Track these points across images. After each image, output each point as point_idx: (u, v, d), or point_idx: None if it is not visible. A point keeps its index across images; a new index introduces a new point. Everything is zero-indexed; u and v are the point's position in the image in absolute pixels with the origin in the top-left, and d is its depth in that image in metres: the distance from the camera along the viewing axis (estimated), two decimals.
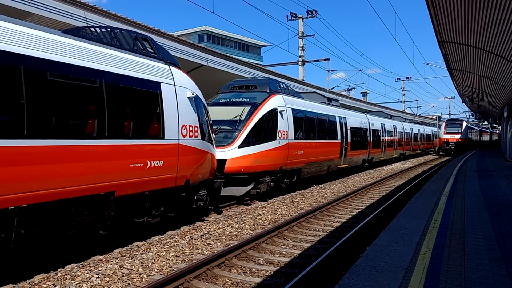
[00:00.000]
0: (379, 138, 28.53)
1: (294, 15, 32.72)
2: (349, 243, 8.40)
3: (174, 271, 6.72)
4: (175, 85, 9.26)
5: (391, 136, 31.94)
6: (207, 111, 10.89)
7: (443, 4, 9.46)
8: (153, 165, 8.30)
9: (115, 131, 7.49)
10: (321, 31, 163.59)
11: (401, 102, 67.61)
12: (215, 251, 7.93)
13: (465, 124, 49.09)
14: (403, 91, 67.37)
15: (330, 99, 22.35)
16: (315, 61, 34.56)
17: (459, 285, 4.57)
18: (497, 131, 75.70)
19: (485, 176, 16.93)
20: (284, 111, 15.06)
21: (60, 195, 6.41)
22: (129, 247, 8.20)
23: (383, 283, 4.63)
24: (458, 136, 46.75)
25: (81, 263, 7.12)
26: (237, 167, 12.95)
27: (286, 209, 12.54)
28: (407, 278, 4.80)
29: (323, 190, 16.81)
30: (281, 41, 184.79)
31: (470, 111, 51.62)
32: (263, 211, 11.93)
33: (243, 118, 13.65)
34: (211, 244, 8.51)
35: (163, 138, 8.66)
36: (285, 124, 15.04)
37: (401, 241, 6.41)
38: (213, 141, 11.15)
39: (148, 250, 7.91)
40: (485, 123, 67.71)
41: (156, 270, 6.90)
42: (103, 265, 7.02)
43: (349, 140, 22.15)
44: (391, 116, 36.38)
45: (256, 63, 32.37)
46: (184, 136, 9.27)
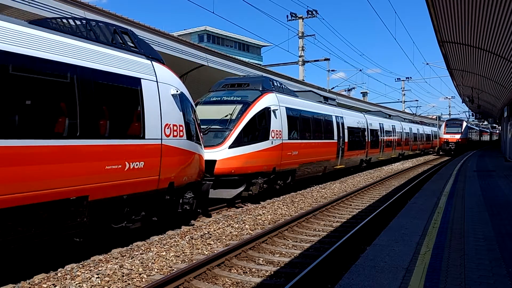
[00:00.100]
0: (377, 138, 28.17)
1: (294, 15, 32.77)
2: (349, 243, 8.40)
3: (174, 271, 6.72)
4: (157, 81, 8.74)
5: (390, 136, 31.56)
6: (194, 110, 10.43)
7: (443, 4, 9.46)
8: (132, 167, 7.77)
9: (89, 130, 6.97)
10: (321, 31, 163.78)
11: (401, 102, 67.71)
12: (215, 251, 7.93)
13: (465, 124, 49.11)
14: (403, 91, 67.49)
15: (326, 98, 21.77)
16: (315, 61, 34.63)
17: (459, 285, 4.58)
18: (497, 131, 75.70)
19: (485, 176, 16.94)
20: (277, 110, 14.63)
21: (20, 201, 5.90)
22: (129, 247, 8.20)
23: (383, 283, 4.64)
24: (458, 136, 46.77)
25: (81, 263, 7.12)
26: (228, 168, 12.56)
27: (286, 209, 12.54)
28: (407, 278, 4.80)
29: (323, 190, 16.81)
30: (281, 41, 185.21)
31: (470, 111, 51.65)
32: (263, 211, 11.93)
33: (234, 117, 13.21)
34: (211, 244, 8.51)
35: (143, 138, 8.14)
36: (279, 123, 14.62)
37: (401, 241, 6.41)
38: (201, 141, 10.70)
39: (148, 250, 7.91)
40: (485, 123, 67.72)
41: (156, 270, 6.90)
42: (103, 265, 7.02)
43: (346, 140, 21.67)
44: (390, 116, 35.95)
45: (256, 63, 32.40)
46: (167, 135, 8.76)
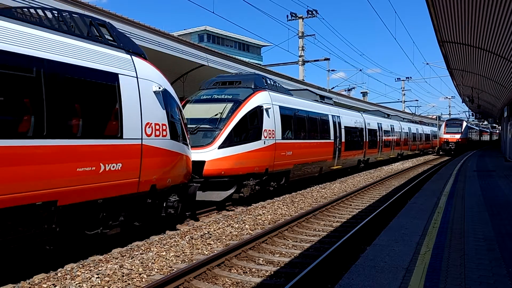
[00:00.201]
0: (376, 138, 27.79)
1: (294, 15, 32.78)
2: (349, 243, 8.40)
3: (174, 271, 6.72)
4: (137, 77, 8.15)
5: (388, 136, 31.19)
6: (180, 108, 9.94)
7: (443, 4, 9.46)
8: (108, 169, 7.21)
9: (57, 129, 6.40)
10: (321, 31, 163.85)
11: (401, 102, 67.72)
12: (215, 251, 7.93)
13: (465, 124, 49.11)
14: (403, 91, 67.50)
15: (322, 97, 21.23)
16: (315, 61, 34.61)
17: (459, 285, 4.58)
18: (497, 131, 75.72)
19: (485, 176, 16.93)
20: (270, 108, 14.12)
21: None
22: (129, 247, 8.20)
23: (383, 283, 4.63)
24: (458, 136, 46.77)
25: (81, 263, 7.12)
26: (217, 169, 12.07)
27: (286, 209, 12.54)
28: (407, 278, 4.80)
29: (323, 190, 16.81)
30: (281, 41, 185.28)
31: (470, 111, 51.67)
32: (263, 211, 11.93)
33: (224, 116, 12.69)
34: (211, 244, 8.51)
35: (121, 137, 7.58)
36: (272, 122, 14.12)
37: (401, 241, 6.41)
38: (188, 142, 10.19)
39: (148, 250, 7.91)
40: (485, 123, 67.74)
41: (156, 270, 6.90)
42: (103, 265, 7.02)
43: (343, 140, 21.18)
44: (389, 115, 35.60)
45: (256, 63, 32.40)
46: (148, 135, 8.19)
